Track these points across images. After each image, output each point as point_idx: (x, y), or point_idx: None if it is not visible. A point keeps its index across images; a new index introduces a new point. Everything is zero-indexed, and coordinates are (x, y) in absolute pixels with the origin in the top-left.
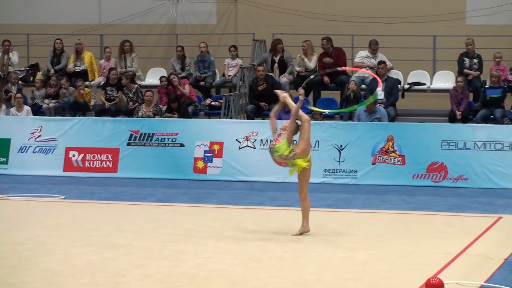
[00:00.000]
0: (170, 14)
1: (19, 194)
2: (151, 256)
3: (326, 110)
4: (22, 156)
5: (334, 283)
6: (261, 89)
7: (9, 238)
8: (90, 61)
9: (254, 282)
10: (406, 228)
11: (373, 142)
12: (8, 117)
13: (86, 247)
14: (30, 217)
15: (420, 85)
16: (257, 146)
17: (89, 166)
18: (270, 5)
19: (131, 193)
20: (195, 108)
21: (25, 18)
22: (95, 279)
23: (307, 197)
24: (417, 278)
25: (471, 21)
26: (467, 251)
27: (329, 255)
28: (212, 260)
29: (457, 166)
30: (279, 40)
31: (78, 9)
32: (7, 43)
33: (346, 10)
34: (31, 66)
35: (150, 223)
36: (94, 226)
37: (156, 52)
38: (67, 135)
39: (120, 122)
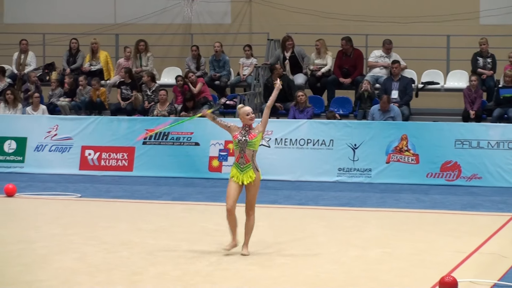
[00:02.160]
0: (185, 14)
1: (35, 193)
2: (166, 254)
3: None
4: (38, 155)
5: (347, 282)
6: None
7: (25, 236)
8: (106, 60)
9: (268, 281)
10: (420, 226)
11: (387, 141)
12: (24, 116)
13: (101, 245)
14: (46, 215)
15: (434, 85)
16: (272, 145)
17: (105, 164)
18: (285, 4)
19: (146, 192)
20: (209, 107)
21: (41, 18)
22: (111, 277)
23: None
24: (431, 276)
25: (485, 21)
26: (481, 249)
27: (343, 253)
28: (226, 259)
29: (470, 165)
30: (288, 37)
31: (93, 8)
32: (24, 41)
33: (360, 10)
34: (47, 65)
35: (165, 221)
36: (109, 224)
37: (171, 51)
38: (83, 134)
39: (135, 121)
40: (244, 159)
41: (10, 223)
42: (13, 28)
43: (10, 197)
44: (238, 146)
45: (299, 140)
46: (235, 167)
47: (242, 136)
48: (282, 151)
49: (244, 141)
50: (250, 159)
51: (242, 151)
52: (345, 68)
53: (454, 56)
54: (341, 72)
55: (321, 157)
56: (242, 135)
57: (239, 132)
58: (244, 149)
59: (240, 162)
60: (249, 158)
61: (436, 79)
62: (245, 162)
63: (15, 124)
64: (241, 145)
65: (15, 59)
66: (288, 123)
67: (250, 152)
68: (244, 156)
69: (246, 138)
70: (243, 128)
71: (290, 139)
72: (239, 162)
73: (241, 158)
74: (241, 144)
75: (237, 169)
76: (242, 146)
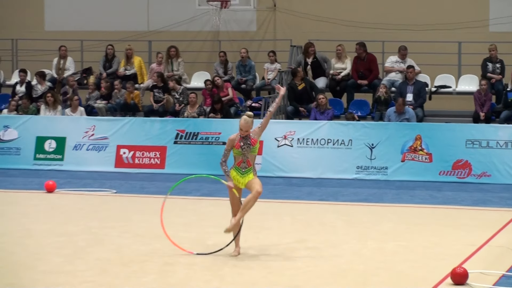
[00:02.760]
0: (214, 22)
1: (73, 189)
2: (196, 246)
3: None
4: (76, 153)
5: (366, 272)
6: (300, 88)
7: (65, 230)
8: (139, 65)
9: (291, 271)
10: (433, 221)
11: (402, 141)
12: (63, 117)
13: (135, 238)
14: (84, 210)
15: (446, 88)
16: (295, 144)
17: (138, 162)
18: (306, 13)
19: (177, 188)
20: (236, 109)
21: (79, 26)
22: (144, 267)
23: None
24: (443, 268)
25: (494, 28)
26: (490, 242)
27: (361, 246)
28: (252, 250)
29: (480, 164)
30: (311, 44)
31: (128, 17)
32: (63, 48)
33: (377, 18)
34: (85, 70)
35: (195, 215)
36: (143, 218)
37: (201, 57)
38: (118, 134)
39: (167, 122)
40: (246, 163)
41: (51, 217)
42: (53, 35)
43: (51, 193)
44: (241, 153)
45: (320, 140)
46: (236, 170)
47: (244, 143)
48: (304, 150)
49: (247, 147)
50: (252, 163)
51: (244, 156)
52: (360, 72)
53: (465, 62)
54: (357, 75)
55: (341, 156)
56: (244, 143)
57: (238, 140)
58: (247, 155)
59: (242, 167)
60: (251, 163)
61: (448, 83)
62: (247, 166)
63: (55, 124)
64: (244, 151)
65: (55, 64)
66: (309, 124)
67: (252, 157)
68: (246, 161)
69: (249, 143)
70: (242, 136)
71: (311, 139)
72: (241, 167)
73: (243, 163)
74: (244, 151)
75: (237, 173)
76: (245, 152)
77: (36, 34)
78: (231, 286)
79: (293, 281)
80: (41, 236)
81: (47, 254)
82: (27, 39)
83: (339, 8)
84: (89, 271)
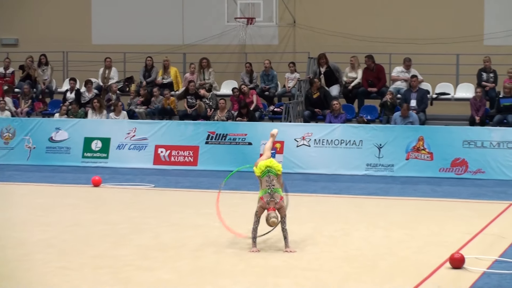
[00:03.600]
0: (241, 37)
1: (117, 183)
2: (225, 233)
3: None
4: (119, 152)
5: (375, 257)
6: (315, 97)
7: (109, 219)
8: (175, 74)
9: (308, 256)
10: (434, 212)
11: (406, 142)
12: (108, 121)
13: (171, 227)
14: (126, 202)
15: (446, 95)
16: (312, 144)
17: (174, 160)
18: (323, 28)
19: (208, 183)
20: (260, 114)
21: (122, 40)
22: (179, 253)
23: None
24: (443, 253)
25: (488, 42)
26: (484, 231)
27: (370, 234)
28: (275, 239)
29: (476, 162)
30: (322, 55)
31: (165, 32)
32: (108, 59)
33: (385, 33)
34: (127, 79)
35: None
36: (178, 209)
37: (229, 67)
38: (156, 135)
39: (199, 125)
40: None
41: (97, 208)
42: (99, 48)
43: (97, 187)
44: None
45: (334, 140)
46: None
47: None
48: (320, 150)
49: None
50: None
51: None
52: (370, 80)
53: (462, 72)
54: (367, 84)
55: (352, 154)
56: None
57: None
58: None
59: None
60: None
61: (447, 90)
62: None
63: (100, 127)
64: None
65: (101, 73)
66: (325, 127)
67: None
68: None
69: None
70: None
71: (326, 139)
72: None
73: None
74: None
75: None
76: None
77: (84, 47)
78: (256, 269)
79: (310, 264)
80: (88, 225)
81: (94, 241)
82: (76, 51)
83: (352, 24)
84: (131, 255)
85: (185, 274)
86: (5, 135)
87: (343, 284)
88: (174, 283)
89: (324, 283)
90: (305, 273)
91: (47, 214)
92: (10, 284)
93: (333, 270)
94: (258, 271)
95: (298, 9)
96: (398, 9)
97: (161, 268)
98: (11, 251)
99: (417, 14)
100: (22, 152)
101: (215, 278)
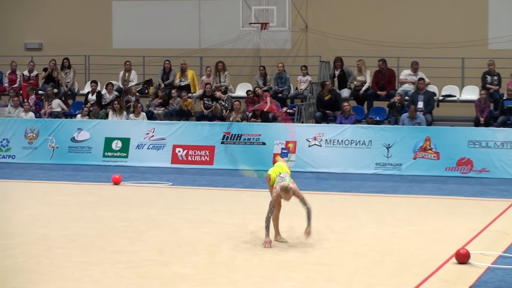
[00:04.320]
0: (255, 41)
1: (136, 181)
2: (239, 230)
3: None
4: (139, 152)
5: (383, 252)
6: (326, 99)
7: (129, 216)
8: (192, 77)
9: (320, 251)
10: (440, 209)
11: (414, 142)
12: (128, 121)
13: (188, 223)
14: (145, 199)
15: (451, 97)
16: (323, 144)
17: (191, 159)
18: (334, 33)
19: (224, 181)
20: (274, 115)
21: (141, 44)
22: (195, 248)
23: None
24: (449, 249)
25: (492, 47)
26: (489, 228)
27: (379, 230)
28: (289, 233)
29: (480, 161)
30: (338, 58)
31: (182, 36)
32: (128, 63)
33: (393, 38)
34: (146, 81)
35: (238, 204)
36: (194, 207)
37: (244, 70)
38: (174, 135)
39: (215, 125)
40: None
41: (117, 205)
42: (120, 52)
43: (117, 185)
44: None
45: (344, 140)
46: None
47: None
48: (331, 149)
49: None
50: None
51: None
52: (381, 84)
53: (468, 75)
54: (377, 87)
55: (362, 154)
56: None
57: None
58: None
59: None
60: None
61: (453, 92)
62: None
63: (121, 127)
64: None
65: (121, 76)
66: (336, 127)
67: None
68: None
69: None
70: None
71: (337, 139)
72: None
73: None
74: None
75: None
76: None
77: (105, 51)
78: (269, 264)
79: (321, 259)
80: (108, 221)
81: (114, 237)
82: (97, 55)
83: (362, 29)
84: (149, 251)
85: (201, 268)
86: (29, 135)
87: (353, 278)
88: (191, 277)
89: (335, 278)
90: (316, 267)
91: (69, 211)
92: (33, 277)
93: (343, 265)
94: (271, 266)
95: (310, 15)
96: (406, 15)
97: (178, 263)
98: (34, 247)
99: (424, 20)
100: (46, 152)
101: (229, 272)
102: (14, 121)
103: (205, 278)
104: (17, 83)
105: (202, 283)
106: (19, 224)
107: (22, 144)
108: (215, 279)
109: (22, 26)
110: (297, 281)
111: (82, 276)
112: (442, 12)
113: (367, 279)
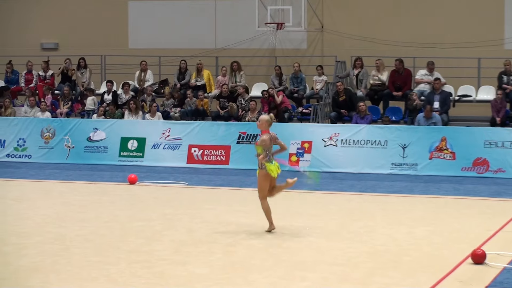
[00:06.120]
0: (271, 41)
1: (152, 181)
2: (255, 230)
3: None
4: (154, 151)
5: (399, 253)
6: (341, 100)
7: (144, 216)
8: (208, 77)
9: (335, 251)
10: (456, 210)
11: (430, 142)
12: (144, 121)
13: (203, 223)
14: (160, 199)
15: (468, 97)
16: (339, 144)
17: (207, 159)
18: (349, 33)
19: (239, 181)
20: (289, 115)
21: (157, 44)
22: (211, 248)
23: (263, 200)
24: (465, 249)
25: (509, 46)
26: (505, 228)
27: (395, 230)
28: (303, 233)
29: (496, 161)
30: (358, 58)
31: (198, 36)
32: (144, 63)
33: (409, 38)
34: (162, 81)
35: (254, 204)
36: (210, 206)
37: (259, 70)
38: (189, 135)
39: (231, 125)
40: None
41: (133, 205)
42: (135, 52)
43: (133, 184)
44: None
45: (360, 140)
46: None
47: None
48: (347, 149)
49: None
50: (259, 159)
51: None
52: (398, 84)
53: (484, 75)
54: (394, 87)
55: (378, 154)
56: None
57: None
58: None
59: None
60: (259, 157)
61: (469, 92)
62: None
63: (136, 127)
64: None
65: (137, 76)
66: (351, 127)
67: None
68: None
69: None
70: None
71: (353, 139)
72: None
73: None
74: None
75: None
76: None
77: (121, 51)
78: (284, 263)
79: (336, 259)
80: (124, 221)
81: (130, 236)
82: (113, 55)
83: (377, 29)
84: (165, 250)
85: (217, 268)
86: (45, 135)
87: (368, 278)
88: (206, 277)
89: (350, 278)
90: (332, 267)
91: (85, 211)
92: (50, 277)
93: (358, 264)
94: (287, 266)
95: (326, 15)
96: (422, 15)
97: (193, 262)
98: (51, 246)
99: (440, 19)
100: (62, 151)
101: (245, 272)
102: (30, 121)
103: (221, 278)
104: (33, 83)
105: (217, 283)
106: (35, 224)
107: (38, 143)
108: (231, 279)
109: (38, 26)
110: (312, 281)
111: (99, 276)
112: (458, 12)
113: (382, 279)
